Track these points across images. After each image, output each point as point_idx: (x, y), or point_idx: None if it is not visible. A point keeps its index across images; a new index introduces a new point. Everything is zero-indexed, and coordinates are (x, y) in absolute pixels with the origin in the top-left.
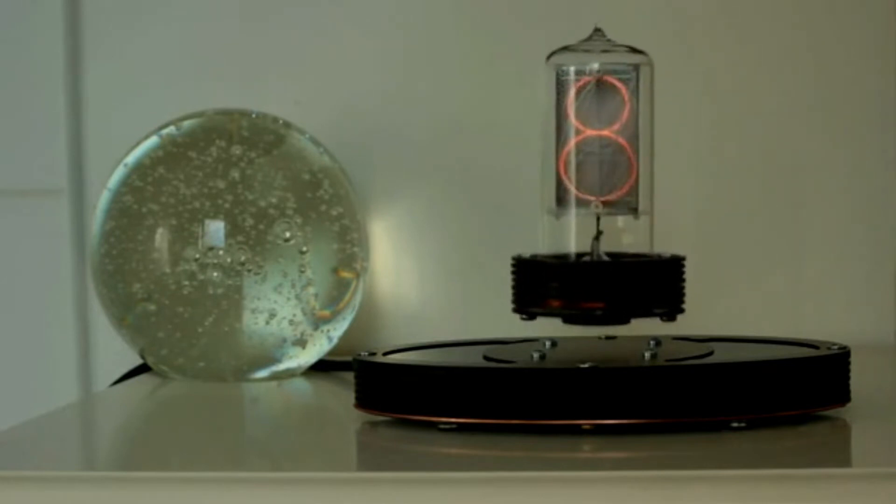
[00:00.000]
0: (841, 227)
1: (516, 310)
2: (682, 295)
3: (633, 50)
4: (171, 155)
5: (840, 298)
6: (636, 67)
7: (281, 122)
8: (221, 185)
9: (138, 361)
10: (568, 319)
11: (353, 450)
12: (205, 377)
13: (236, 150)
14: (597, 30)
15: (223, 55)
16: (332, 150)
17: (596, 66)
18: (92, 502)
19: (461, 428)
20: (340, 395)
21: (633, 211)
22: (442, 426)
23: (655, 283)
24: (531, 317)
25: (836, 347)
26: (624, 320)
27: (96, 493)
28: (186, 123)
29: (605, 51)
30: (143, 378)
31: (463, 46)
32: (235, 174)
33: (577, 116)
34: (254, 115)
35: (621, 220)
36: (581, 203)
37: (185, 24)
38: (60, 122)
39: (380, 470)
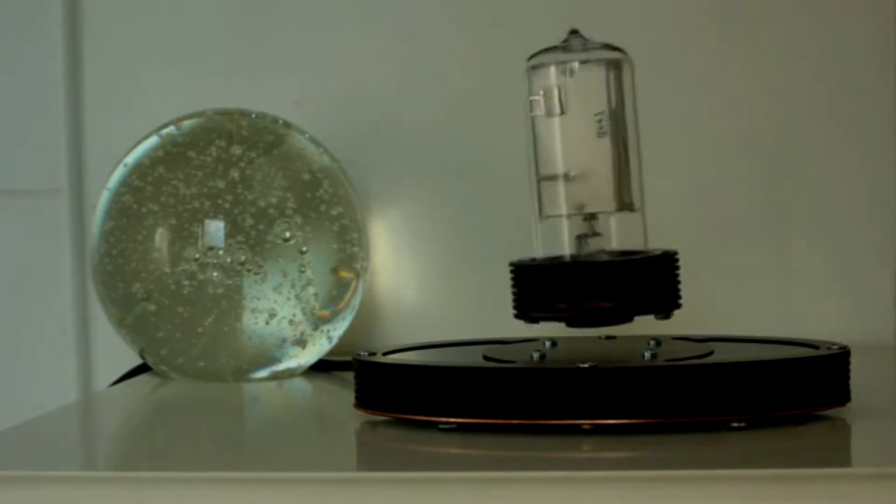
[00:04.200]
0: (841, 227)
1: (518, 315)
2: (678, 290)
3: (612, 48)
4: (171, 155)
5: (840, 298)
6: (615, 64)
7: (281, 122)
8: (221, 185)
9: (138, 361)
10: (572, 323)
11: (353, 450)
12: (205, 377)
13: (236, 150)
14: (573, 31)
15: (223, 55)
16: (332, 150)
17: (575, 65)
18: (92, 502)
19: (461, 428)
20: (340, 395)
21: (625, 208)
22: (442, 426)
23: (654, 279)
24: (534, 321)
25: (836, 347)
26: (628, 319)
27: (96, 493)
28: (186, 123)
29: (583, 50)
30: (143, 378)
31: (463, 47)
32: (235, 174)
33: (560, 116)
34: (254, 115)
35: (615, 219)
36: (570, 204)
37: (185, 24)
38: (60, 122)
39: (380, 470)
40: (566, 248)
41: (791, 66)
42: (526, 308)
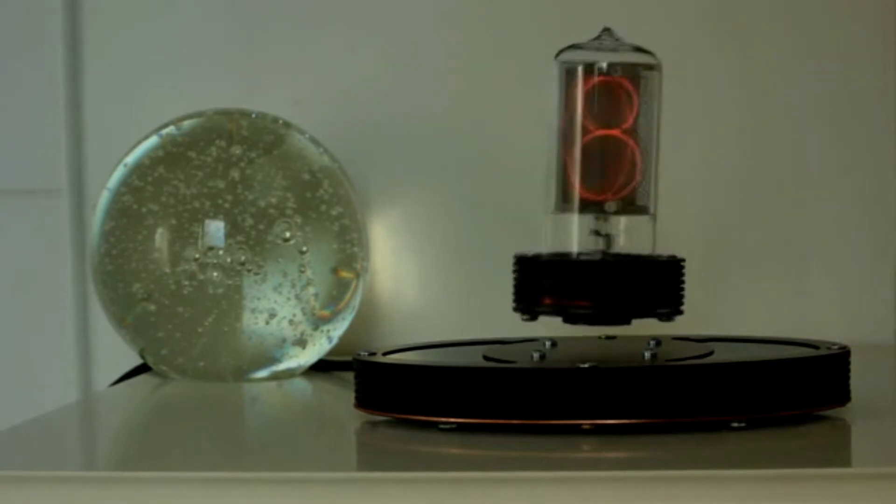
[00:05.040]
0: (841, 228)
1: (517, 309)
2: (682, 296)
3: (642, 50)
4: (171, 155)
5: (840, 298)
6: (645, 66)
7: (281, 122)
8: (221, 185)
9: (138, 361)
10: (568, 318)
11: (353, 450)
12: (205, 377)
13: (236, 150)
14: (605, 29)
15: (223, 55)
16: (331, 149)
17: (604, 64)
18: (92, 502)
19: (461, 428)
20: (340, 395)
21: (639, 211)
22: (442, 426)
23: (658, 282)
24: (533, 316)
25: (836, 347)
26: (625, 320)
27: (96, 493)
28: (186, 123)
29: (613, 49)
30: (143, 378)
31: (464, 45)
32: (235, 174)
33: (585, 115)
34: (254, 115)
35: (625, 221)
36: (586, 202)
37: (185, 24)
38: (60, 122)
39: (380, 470)
40: (574, 246)
41: (791, 67)
42: (524, 302)
